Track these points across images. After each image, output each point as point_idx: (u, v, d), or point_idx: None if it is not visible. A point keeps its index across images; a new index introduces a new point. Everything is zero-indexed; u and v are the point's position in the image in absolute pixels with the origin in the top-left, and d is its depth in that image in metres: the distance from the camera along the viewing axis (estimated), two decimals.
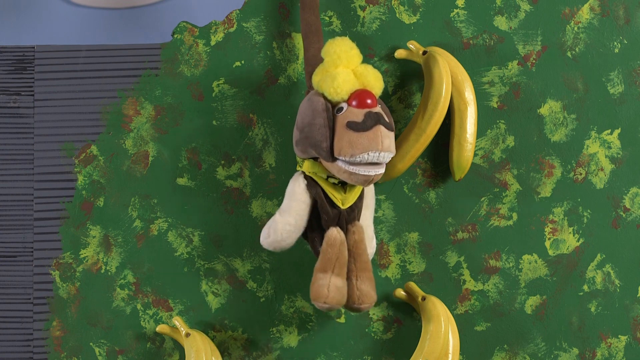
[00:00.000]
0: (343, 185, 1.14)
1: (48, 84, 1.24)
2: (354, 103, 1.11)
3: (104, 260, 1.23)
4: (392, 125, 1.11)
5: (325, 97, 1.12)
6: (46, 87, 1.24)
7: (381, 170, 1.11)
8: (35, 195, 1.23)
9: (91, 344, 1.23)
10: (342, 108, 1.11)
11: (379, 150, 1.09)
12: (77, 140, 1.24)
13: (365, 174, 1.10)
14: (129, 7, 1.41)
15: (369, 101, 1.11)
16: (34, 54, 1.24)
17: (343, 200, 1.14)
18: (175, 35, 1.24)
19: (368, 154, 1.09)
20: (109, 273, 1.23)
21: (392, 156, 1.11)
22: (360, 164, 1.10)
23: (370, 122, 1.09)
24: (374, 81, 1.13)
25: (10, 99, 1.24)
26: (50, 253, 1.23)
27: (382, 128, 1.09)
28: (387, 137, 1.10)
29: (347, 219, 1.14)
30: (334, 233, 1.13)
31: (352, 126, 1.10)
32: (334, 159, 1.11)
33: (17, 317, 1.23)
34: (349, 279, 1.14)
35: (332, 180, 1.14)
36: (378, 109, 1.11)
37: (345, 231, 1.14)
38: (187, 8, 1.41)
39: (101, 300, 1.23)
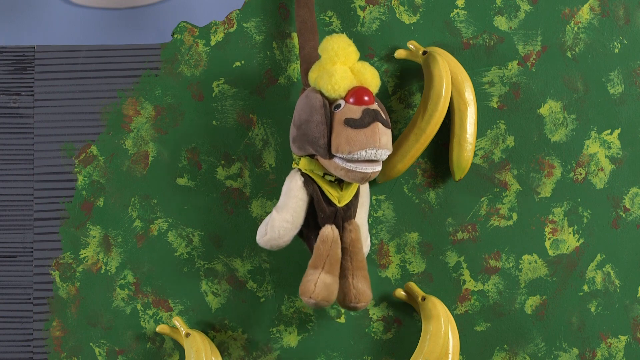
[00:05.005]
0: (339, 183, 1.14)
1: (48, 84, 1.24)
2: (351, 100, 1.11)
3: (104, 261, 1.23)
4: (389, 122, 1.11)
5: (322, 94, 1.12)
6: (46, 87, 1.24)
7: (378, 167, 1.11)
8: (35, 195, 1.23)
9: (91, 344, 1.23)
10: (339, 105, 1.11)
11: (377, 147, 1.09)
12: (77, 140, 1.24)
13: (362, 171, 1.10)
14: (129, 7, 1.41)
15: (366, 98, 1.11)
16: (34, 54, 1.24)
17: (339, 198, 1.14)
18: (175, 35, 1.24)
19: (366, 151, 1.09)
20: (109, 273, 1.23)
21: (389, 153, 1.11)
22: (357, 161, 1.10)
23: (368, 119, 1.09)
24: (371, 78, 1.13)
25: (10, 99, 1.24)
26: (50, 253, 1.23)
27: (379, 125, 1.09)
28: (384, 134, 1.10)
29: (344, 216, 1.14)
30: (328, 230, 1.13)
31: (350, 123, 1.09)
32: (331, 156, 1.11)
33: (17, 317, 1.23)
34: (345, 277, 1.14)
35: (328, 177, 1.14)
36: (375, 106, 1.11)
37: (342, 229, 1.14)
38: (187, 8, 1.41)
39: (101, 300, 1.23)
